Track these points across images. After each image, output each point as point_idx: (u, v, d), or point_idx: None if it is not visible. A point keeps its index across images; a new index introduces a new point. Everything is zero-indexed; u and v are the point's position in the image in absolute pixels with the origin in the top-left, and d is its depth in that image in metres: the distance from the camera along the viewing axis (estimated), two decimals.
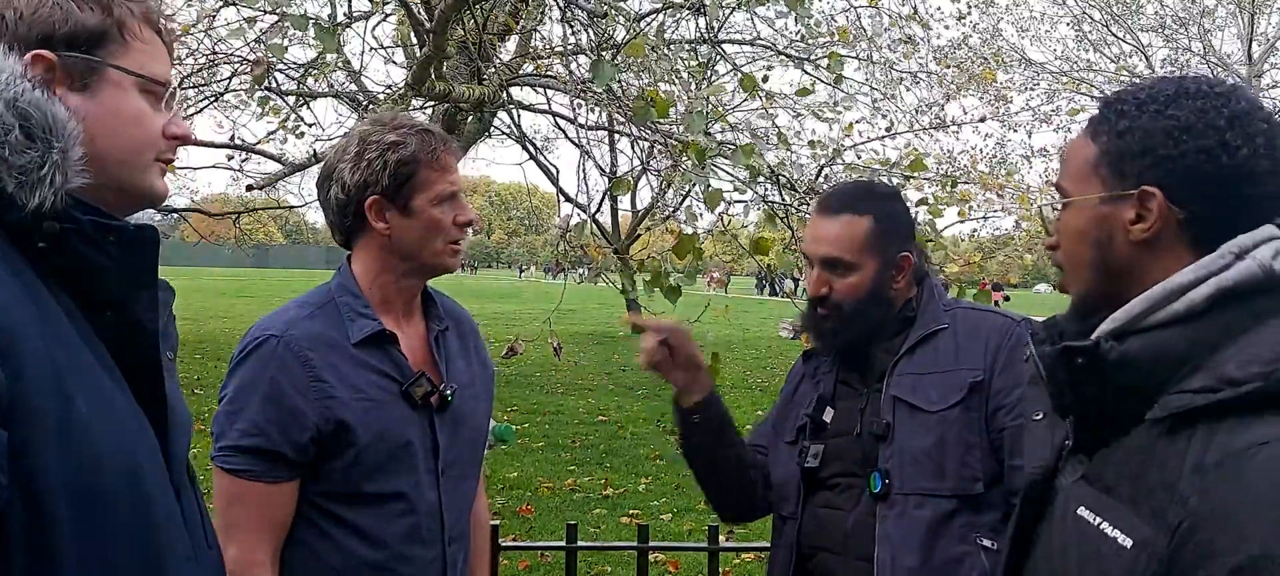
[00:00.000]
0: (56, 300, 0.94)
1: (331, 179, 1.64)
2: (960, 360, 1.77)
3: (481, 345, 1.88)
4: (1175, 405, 0.96)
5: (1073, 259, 1.12)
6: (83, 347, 0.94)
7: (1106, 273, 1.08)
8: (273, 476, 1.53)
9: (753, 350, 17.69)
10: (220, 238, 15.99)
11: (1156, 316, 1.01)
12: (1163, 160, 1.02)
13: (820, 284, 1.84)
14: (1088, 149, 1.10)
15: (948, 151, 9.52)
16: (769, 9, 4.84)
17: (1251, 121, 1.01)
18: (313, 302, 1.65)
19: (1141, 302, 1.02)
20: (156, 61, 1.06)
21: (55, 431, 0.86)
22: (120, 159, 1.03)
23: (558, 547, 2.38)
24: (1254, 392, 0.91)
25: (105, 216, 0.97)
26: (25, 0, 0.98)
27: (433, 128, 1.68)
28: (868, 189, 1.98)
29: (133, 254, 0.99)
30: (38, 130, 0.91)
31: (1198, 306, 0.99)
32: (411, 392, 1.61)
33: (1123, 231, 1.06)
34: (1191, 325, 0.99)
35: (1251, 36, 16.95)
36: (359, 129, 1.67)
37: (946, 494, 1.71)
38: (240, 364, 1.56)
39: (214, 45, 6.39)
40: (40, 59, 0.96)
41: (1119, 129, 1.07)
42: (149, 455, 0.98)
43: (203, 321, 21.45)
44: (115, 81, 1.02)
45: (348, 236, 1.68)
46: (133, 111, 1.03)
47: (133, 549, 0.93)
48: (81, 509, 0.88)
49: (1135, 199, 1.04)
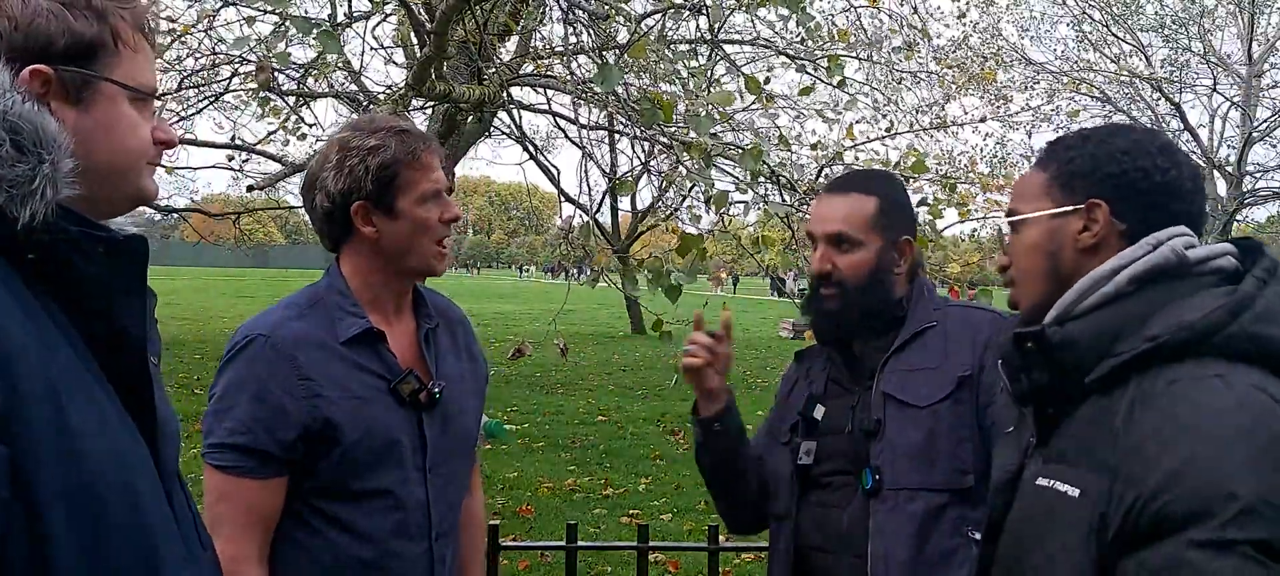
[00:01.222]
0: (46, 310, 0.94)
1: (315, 188, 1.65)
2: (950, 356, 1.78)
3: (474, 341, 1.89)
4: (1108, 365, 1.12)
5: (1026, 272, 1.28)
6: (73, 357, 0.94)
7: (1056, 279, 1.24)
8: (261, 473, 1.54)
9: (753, 350, 17.69)
10: (220, 238, 16.03)
11: (1089, 301, 1.18)
12: (1108, 177, 1.21)
13: (824, 260, 1.84)
14: (1038, 176, 1.29)
15: (948, 152, 9.52)
16: (770, 10, 4.84)
17: (1176, 152, 1.23)
18: (300, 303, 1.66)
19: (1075, 292, 1.20)
20: (145, 69, 1.06)
21: (51, 443, 0.86)
22: (117, 169, 1.03)
23: (558, 547, 2.38)
24: (1171, 342, 1.08)
25: (94, 227, 0.97)
26: (21, 11, 0.96)
27: (410, 127, 1.68)
28: (875, 173, 2.02)
29: (122, 263, 0.99)
30: (29, 143, 0.90)
31: (1124, 288, 1.16)
32: (399, 390, 1.62)
33: (1071, 241, 1.23)
34: (1119, 305, 1.16)
35: (1251, 36, 16.94)
36: (338, 136, 1.67)
37: (937, 487, 1.72)
38: (228, 363, 1.58)
39: (214, 46, 6.39)
40: (37, 73, 0.96)
41: (1067, 157, 1.26)
42: (141, 463, 0.98)
43: (203, 321, 21.45)
44: (109, 94, 1.02)
45: (336, 242, 1.69)
46: (127, 122, 1.04)
47: (129, 556, 0.93)
48: (78, 519, 0.87)
49: (1083, 211, 1.22)
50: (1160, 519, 0.98)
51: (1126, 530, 1.01)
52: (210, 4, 5.78)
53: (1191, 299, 1.12)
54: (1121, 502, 1.02)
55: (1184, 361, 1.07)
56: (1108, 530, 1.03)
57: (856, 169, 2.27)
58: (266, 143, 7.48)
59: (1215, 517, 0.95)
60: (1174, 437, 1.01)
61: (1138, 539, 1.00)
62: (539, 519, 6.27)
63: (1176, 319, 1.09)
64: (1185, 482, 0.97)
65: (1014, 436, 1.30)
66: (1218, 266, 1.17)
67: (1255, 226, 23.30)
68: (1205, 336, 1.07)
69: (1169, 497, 0.98)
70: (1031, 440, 1.25)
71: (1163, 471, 0.99)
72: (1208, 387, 1.03)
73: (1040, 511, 1.15)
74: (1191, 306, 1.11)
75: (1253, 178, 17.83)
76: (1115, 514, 1.03)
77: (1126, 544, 1.02)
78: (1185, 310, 1.10)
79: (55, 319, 0.94)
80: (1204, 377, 1.04)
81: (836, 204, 1.87)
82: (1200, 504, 0.96)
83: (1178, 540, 0.96)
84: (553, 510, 6.50)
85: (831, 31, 5.85)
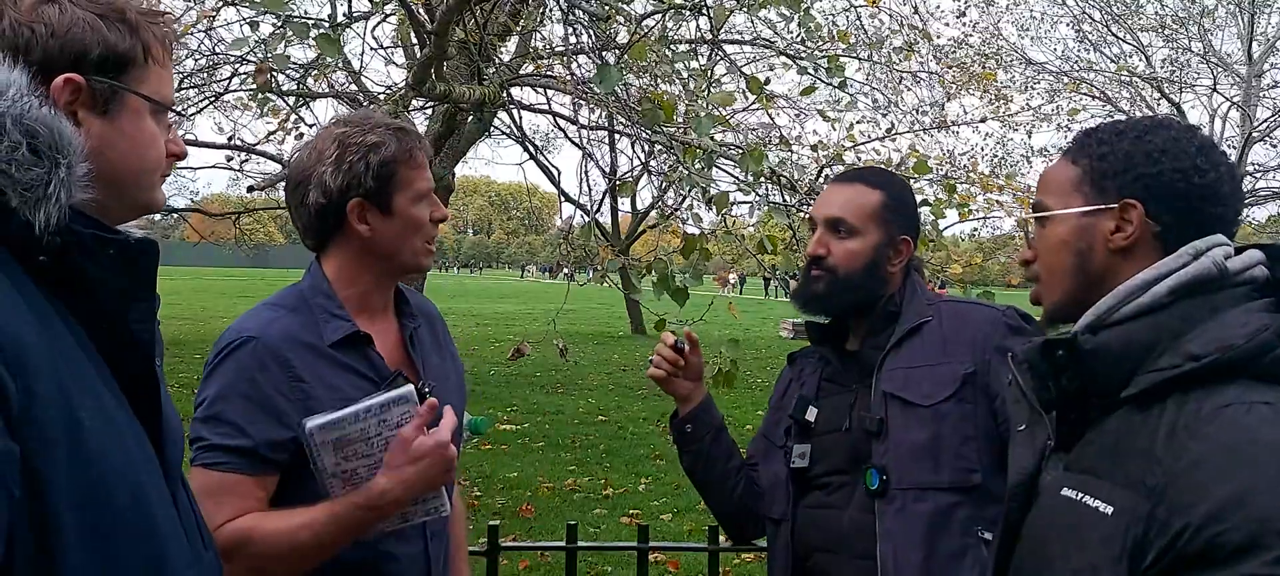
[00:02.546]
0: (57, 313, 0.94)
1: (309, 184, 1.61)
2: (948, 352, 1.78)
3: (450, 339, 1.89)
4: (1146, 382, 1.08)
5: (1052, 268, 1.23)
6: (84, 360, 0.95)
7: (1085, 279, 1.19)
8: (255, 471, 1.52)
9: (753, 350, 17.67)
10: (220, 238, 16.02)
11: (1124, 310, 1.14)
12: (1143, 177, 1.16)
13: (820, 244, 1.86)
14: (1069, 170, 1.23)
15: (948, 152, 9.52)
16: (771, 11, 4.84)
17: (1215, 152, 1.17)
18: (285, 304, 1.63)
19: (1112, 298, 1.15)
20: (167, 84, 1.09)
21: (64, 445, 0.86)
22: (133, 179, 1.05)
23: (558, 547, 2.38)
24: (1215, 363, 1.04)
25: (106, 230, 0.98)
26: (57, 18, 0.98)
27: (405, 125, 1.66)
28: (885, 171, 2.04)
29: (132, 266, 0.99)
30: (44, 147, 0.91)
31: (1161, 299, 1.12)
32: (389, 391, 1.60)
33: (1103, 240, 1.18)
34: (1156, 316, 1.11)
35: (1251, 36, 16.93)
36: (333, 132, 1.63)
37: (945, 487, 1.70)
38: (219, 365, 1.54)
39: (214, 46, 6.40)
40: (70, 82, 0.97)
41: (1100, 152, 1.20)
42: (148, 466, 0.99)
43: (203, 321, 21.44)
44: (134, 106, 1.04)
45: (322, 240, 1.66)
46: (148, 135, 1.06)
47: (137, 557, 0.94)
48: (87, 519, 0.88)
49: (1116, 211, 1.17)
50: (1210, 549, 0.95)
51: (1170, 557, 0.98)
52: (210, 4, 5.77)
53: (1229, 314, 1.08)
54: (1167, 528, 0.99)
55: (1229, 384, 1.03)
56: (1144, 553, 1.00)
57: (871, 165, 2.29)
58: (266, 143, 7.49)
59: (1268, 552, 0.92)
60: (1225, 467, 0.98)
61: (1182, 567, 0.98)
62: (539, 519, 6.27)
63: (1219, 337, 1.05)
64: (1237, 514, 0.95)
65: (1027, 435, 1.26)
66: (1252, 276, 1.13)
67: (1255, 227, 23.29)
68: (1252, 359, 1.04)
69: (1220, 529, 0.95)
70: (1049, 443, 1.21)
71: (1213, 501, 0.96)
72: (1259, 415, 1.00)
73: (1066, 524, 1.11)
74: (1232, 323, 1.07)
75: (1253, 178, 17.83)
76: (1157, 538, 1.00)
77: (1168, 571, 0.99)
78: (1226, 328, 1.06)
79: (66, 321, 0.95)
80: (1254, 404, 1.01)
81: (841, 191, 1.89)
82: (1252, 537, 0.93)
83: (1227, 572, 0.94)
84: (553, 510, 6.50)
85: (832, 32, 5.86)
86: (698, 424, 1.98)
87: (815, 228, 1.89)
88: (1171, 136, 1.17)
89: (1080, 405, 1.16)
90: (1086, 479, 1.10)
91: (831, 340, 1.92)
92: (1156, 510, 1.00)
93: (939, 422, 1.73)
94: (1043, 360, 1.16)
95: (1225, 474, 0.97)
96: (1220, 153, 1.18)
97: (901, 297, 1.86)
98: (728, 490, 1.98)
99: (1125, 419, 1.09)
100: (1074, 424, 1.17)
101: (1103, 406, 1.13)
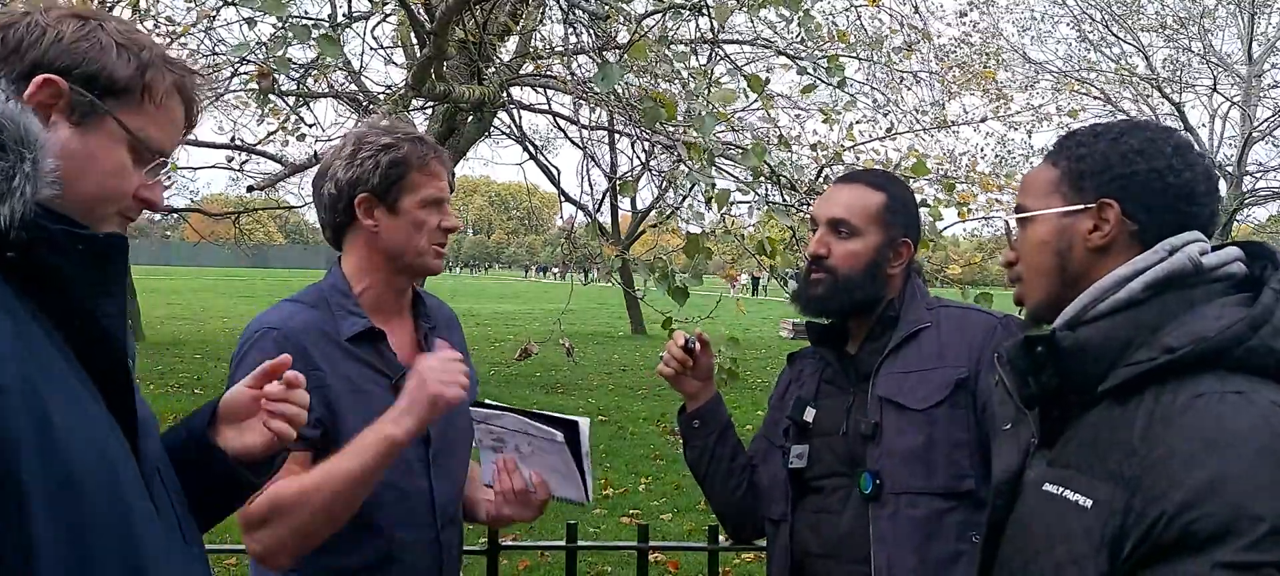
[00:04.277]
0: (24, 307, 0.94)
1: (326, 176, 1.72)
2: (945, 357, 1.78)
3: (462, 339, 1.95)
4: (1124, 375, 1.10)
5: (1034, 268, 1.26)
6: (55, 355, 0.94)
7: (1064, 277, 1.22)
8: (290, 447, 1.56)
9: (753, 350, 17.66)
10: (220, 238, 16.04)
11: (1101, 306, 1.16)
12: (1119, 177, 1.19)
13: (821, 243, 1.86)
14: (1049, 172, 1.26)
15: (948, 151, 9.52)
16: (770, 11, 4.84)
17: (1191, 152, 1.20)
18: (305, 300, 1.72)
19: (1089, 295, 1.18)
20: (162, 129, 1.07)
21: (32, 435, 0.86)
22: (85, 200, 1.02)
23: (558, 547, 2.38)
24: (1189, 355, 1.06)
25: (74, 225, 0.97)
26: (71, 28, 1.00)
27: (427, 137, 1.76)
28: (888, 174, 2.04)
29: (101, 262, 0.99)
30: (10, 141, 0.90)
31: (1137, 295, 1.14)
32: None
33: (1081, 240, 1.21)
34: (1132, 311, 1.14)
35: (1251, 36, 16.95)
36: (356, 130, 1.75)
37: (938, 492, 1.71)
38: (244, 355, 1.61)
39: (214, 46, 6.40)
40: (50, 82, 0.98)
41: (1078, 154, 1.23)
42: (123, 460, 0.99)
43: (203, 321, 21.46)
44: (111, 131, 1.03)
45: (338, 232, 1.75)
46: (113, 163, 1.04)
47: (111, 545, 0.93)
48: (60, 509, 0.88)
49: (1094, 211, 1.20)
50: (1184, 537, 0.97)
51: (1146, 546, 1.00)
52: (210, 4, 5.77)
53: (1205, 308, 1.11)
54: (1143, 518, 1.01)
55: (1203, 375, 1.05)
56: (1123, 543, 1.02)
57: (873, 167, 2.31)
58: (266, 143, 7.48)
59: (1241, 538, 0.94)
60: (1198, 455, 0.99)
61: (1158, 555, 1.00)
62: (539, 519, 6.26)
63: (1194, 330, 1.08)
64: (1211, 502, 0.96)
65: (1012, 434, 1.28)
66: (1229, 272, 1.15)
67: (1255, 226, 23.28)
68: (1225, 350, 1.06)
69: (1194, 516, 0.97)
70: (1033, 441, 1.23)
71: (1187, 489, 0.98)
72: (1231, 405, 1.02)
73: (1048, 518, 1.13)
74: (1207, 317, 1.09)
75: (1253, 178, 17.85)
76: (1134, 528, 1.02)
77: (1145, 560, 1.01)
78: (1201, 321, 1.09)
79: (34, 316, 0.94)
80: (1226, 394, 1.03)
81: (844, 192, 1.90)
82: (1226, 524, 0.95)
83: (1202, 559, 0.96)
84: (553, 510, 6.48)
85: (831, 31, 5.85)
86: (705, 419, 1.99)
87: (816, 227, 1.90)
88: (1147, 137, 1.20)
89: (1061, 401, 1.18)
90: (1068, 473, 1.13)
91: (831, 341, 1.93)
92: (1133, 500, 1.02)
93: (932, 427, 1.73)
94: (1023, 357, 1.18)
95: (1199, 462, 0.99)
96: (1196, 153, 1.21)
97: (901, 301, 1.86)
98: (729, 488, 1.99)
99: (1104, 413, 1.12)
100: (1056, 420, 1.20)
101: (1083, 402, 1.15)
